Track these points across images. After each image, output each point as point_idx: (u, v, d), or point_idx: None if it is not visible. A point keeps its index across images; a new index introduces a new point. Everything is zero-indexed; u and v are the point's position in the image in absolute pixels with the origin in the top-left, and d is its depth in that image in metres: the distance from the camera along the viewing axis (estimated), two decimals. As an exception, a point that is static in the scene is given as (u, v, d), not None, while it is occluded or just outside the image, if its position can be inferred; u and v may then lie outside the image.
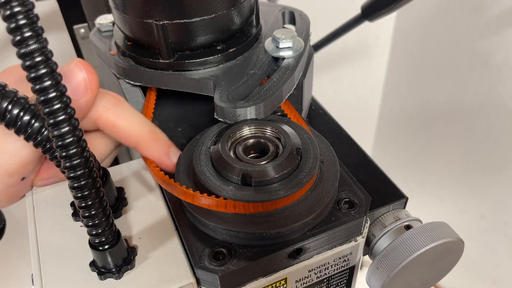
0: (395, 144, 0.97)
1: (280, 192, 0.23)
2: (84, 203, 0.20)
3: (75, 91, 0.25)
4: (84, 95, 0.25)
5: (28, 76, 0.17)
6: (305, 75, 0.32)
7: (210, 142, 0.26)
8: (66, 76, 0.24)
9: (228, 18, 0.30)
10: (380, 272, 0.25)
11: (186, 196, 0.23)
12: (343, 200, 0.25)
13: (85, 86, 0.25)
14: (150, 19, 0.28)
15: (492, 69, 0.66)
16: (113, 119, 0.26)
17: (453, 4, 0.69)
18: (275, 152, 0.25)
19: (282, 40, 0.30)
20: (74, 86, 0.25)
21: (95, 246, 0.22)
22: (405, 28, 0.81)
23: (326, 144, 0.27)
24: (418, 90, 0.83)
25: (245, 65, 0.30)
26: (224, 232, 0.23)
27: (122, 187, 0.28)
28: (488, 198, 0.77)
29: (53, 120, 0.18)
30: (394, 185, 0.30)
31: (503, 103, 0.67)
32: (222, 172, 0.24)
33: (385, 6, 0.41)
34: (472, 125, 0.75)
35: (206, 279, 0.23)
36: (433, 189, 0.90)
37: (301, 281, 0.26)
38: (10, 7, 0.16)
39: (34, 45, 0.17)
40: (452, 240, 0.25)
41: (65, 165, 0.19)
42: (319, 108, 0.37)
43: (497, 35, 0.64)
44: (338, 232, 0.24)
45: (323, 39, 0.48)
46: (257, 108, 0.27)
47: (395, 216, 0.28)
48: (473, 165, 0.78)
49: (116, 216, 0.26)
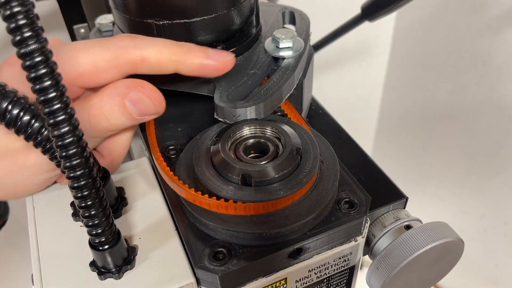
0: (395, 144, 0.97)
1: (280, 192, 0.23)
2: (84, 203, 0.20)
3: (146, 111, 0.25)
4: (156, 114, 0.25)
5: (28, 76, 0.17)
6: (305, 75, 0.32)
7: (210, 142, 0.26)
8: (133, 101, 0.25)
9: (228, 18, 0.30)
10: (380, 272, 0.25)
11: (188, 196, 0.23)
12: (343, 200, 0.25)
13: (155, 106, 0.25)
14: (150, 19, 0.28)
15: (492, 69, 0.66)
16: (139, 53, 0.25)
17: (453, 4, 0.69)
18: (275, 152, 0.25)
19: (282, 40, 0.30)
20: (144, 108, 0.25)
21: (95, 246, 0.22)
22: (405, 28, 0.81)
23: (326, 144, 0.27)
24: (418, 90, 0.83)
25: (245, 65, 0.30)
26: (224, 232, 0.23)
27: (122, 187, 0.28)
28: (488, 198, 0.77)
29: (53, 120, 0.18)
30: (394, 185, 0.30)
31: (503, 103, 0.67)
32: (222, 172, 0.24)
33: (385, 6, 0.41)
34: (472, 125, 0.75)
35: (206, 279, 0.23)
36: (433, 189, 0.90)
37: (301, 281, 0.26)
38: (10, 7, 0.16)
39: (34, 45, 0.17)
40: (452, 240, 0.25)
41: (65, 165, 0.19)
42: (319, 108, 0.37)
43: (497, 35, 0.64)
44: (338, 232, 0.24)
45: (323, 39, 0.48)
46: (257, 108, 0.27)
47: (395, 216, 0.28)
48: (473, 165, 0.78)
49: (116, 216, 0.26)
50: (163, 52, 0.25)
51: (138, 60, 0.25)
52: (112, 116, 0.25)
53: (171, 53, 0.25)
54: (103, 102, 0.25)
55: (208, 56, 0.26)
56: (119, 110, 0.25)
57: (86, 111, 0.25)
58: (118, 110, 0.25)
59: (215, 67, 0.26)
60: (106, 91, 0.25)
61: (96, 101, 0.25)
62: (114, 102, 0.25)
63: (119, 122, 0.25)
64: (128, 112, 0.25)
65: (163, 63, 0.25)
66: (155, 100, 0.25)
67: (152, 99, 0.25)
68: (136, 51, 0.25)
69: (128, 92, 0.25)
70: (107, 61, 0.25)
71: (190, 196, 0.23)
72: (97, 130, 0.25)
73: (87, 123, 0.25)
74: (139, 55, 0.25)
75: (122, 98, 0.25)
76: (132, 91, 0.25)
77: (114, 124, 0.25)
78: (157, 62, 0.25)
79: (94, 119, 0.25)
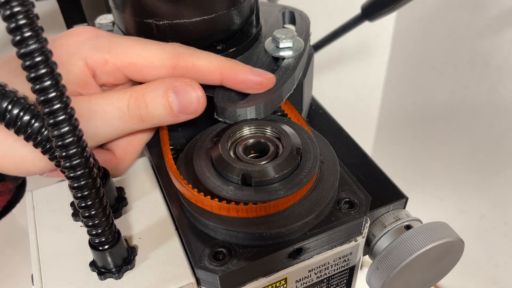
0: (395, 144, 0.97)
1: (280, 192, 0.23)
2: (84, 203, 0.20)
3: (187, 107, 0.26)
4: (193, 113, 0.26)
5: (28, 76, 0.17)
6: (305, 75, 0.32)
7: (210, 142, 0.26)
8: (179, 92, 0.25)
9: (228, 18, 0.30)
10: (380, 272, 0.25)
11: (192, 197, 0.23)
12: (343, 200, 0.25)
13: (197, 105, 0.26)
14: (150, 19, 0.28)
15: (492, 69, 0.66)
16: (191, 60, 0.26)
17: (453, 4, 0.69)
18: (275, 152, 0.25)
19: (282, 40, 0.30)
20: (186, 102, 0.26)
21: (95, 246, 0.22)
22: (405, 28, 0.81)
23: (326, 144, 0.27)
24: (418, 90, 0.83)
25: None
26: (224, 232, 0.23)
27: (122, 187, 0.28)
28: (488, 198, 0.77)
29: (53, 120, 0.18)
30: (394, 185, 0.30)
31: (503, 103, 0.67)
32: (222, 172, 0.24)
33: (385, 6, 0.41)
34: (472, 125, 0.75)
35: (206, 279, 0.23)
36: (433, 189, 0.90)
37: (301, 281, 0.26)
38: (10, 7, 0.16)
39: (34, 45, 0.17)
40: (452, 240, 0.25)
41: (65, 165, 0.19)
42: (319, 108, 0.37)
43: (497, 35, 0.64)
44: (338, 232, 0.24)
45: (323, 39, 0.48)
46: (257, 108, 0.27)
47: (395, 216, 0.28)
48: (473, 165, 0.78)
49: (116, 216, 0.26)
50: (213, 62, 0.27)
51: (190, 65, 0.26)
52: (152, 104, 0.25)
53: (221, 65, 0.26)
54: (148, 89, 0.25)
55: (253, 72, 0.27)
56: (161, 101, 0.25)
57: (127, 94, 0.25)
58: (160, 101, 0.25)
59: (260, 82, 0.27)
60: (153, 81, 0.26)
61: (142, 87, 0.26)
62: (158, 92, 0.25)
63: (156, 112, 0.26)
64: (169, 105, 0.25)
65: (212, 73, 0.27)
66: (199, 97, 0.26)
67: (197, 95, 0.26)
68: (190, 57, 0.26)
69: (175, 84, 0.25)
70: (161, 59, 0.26)
71: (193, 198, 0.23)
72: (132, 116, 0.25)
73: (124, 108, 0.25)
74: (191, 61, 0.26)
75: (168, 88, 0.25)
76: (179, 82, 0.26)
77: (151, 114, 0.26)
78: (207, 70, 0.26)
79: (133, 102, 0.25)
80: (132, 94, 0.25)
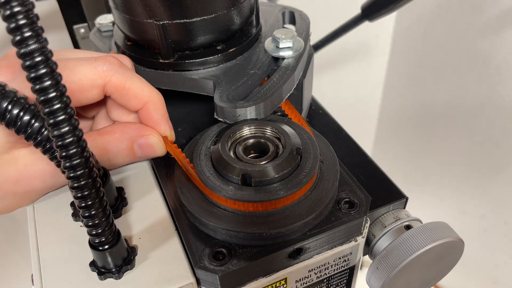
0: (395, 144, 0.97)
1: (280, 192, 0.23)
2: (84, 203, 0.20)
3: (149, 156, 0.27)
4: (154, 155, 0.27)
5: (28, 76, 0.17)
6: (305, 75, 0.32)
7: (210, 142, 0.26)
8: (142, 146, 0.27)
9: (228, 18, 0.30)
10: (380, 272, 0.25)
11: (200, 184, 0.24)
12: (343, 200, 0.25)
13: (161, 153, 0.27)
14: (150, 19, 0.28)
15: (492, 69, 0.66)
16: (123, 80, 0.26)
17: (453, 4, 0.69)
18: (275, 152, 0.25)
19: (282, 40, 0.30)
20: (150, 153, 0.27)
21: (95, 246, 0.22)
22: (405, 28, 0.81)
23: (326, 144, 0.27)
24: (418, 90, 0.83)
25: (245, 65, 0.30)
26: (224, 232, 0.23)
27: (122, 187, 0.28)
28: (488, 198, 0.77)
29: (53, 120, 0.18)
30: (394, 185, 0.30)
31: (503, 103, 0.67)
32: (222, 172, 0.24)
33: (385, 6, 0.41)
34: (472, 125, 0.75)
35: (206, 279, 0.23)
36: (433, 189, 0.90)
37: (301, 281, 0.26)
38: (10, 7, 0.16)
39: (34, 45, 0.17)
40: (452, 240, 0.25)
41: (65, 165, 0.19)
42: (319, 108, 0.37)
43: (497, 35, 0.64)
44: (338, 232, 0.24)
45: (323, 39, 0.47)
46: (257, 108, 0.27)
47: (395, 216, 0.28)
48: (473, 165, 0.78)
49: (116, 216, 0.26)
50: (144, 91, 0.26)
51: (121, 87, 0.26)
52: (116, 158, 0.27)
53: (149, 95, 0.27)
54: (109, 144, 0.26)
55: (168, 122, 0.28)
56: (125, 153, 0.27)
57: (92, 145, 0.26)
58: (124, 154, 0.27)
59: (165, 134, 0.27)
60: (114, 135, 0.26)
61: (103, 140, 0.26)
62: (122, 146, 0.26)
63: (120, 162, 0.27)
64: (133, 156, 0.27)
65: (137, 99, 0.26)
66: (163, 146, 0.27)
67: (161, 144, 0.27)
68: (123, 78, 0.26)
69: (137, 137, 0.26)
70: (92, 79, 0.25)
71: None
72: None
73: None
74: (123, 83, 0.26)
75: (131, 142, 0.26)
76: (140, 136, 0.27)
77: (114, 164, 0.27)
78: (134, 96, 0.26)
79: (98, 155, 0.26)
80: (95, 151, 0.25)
